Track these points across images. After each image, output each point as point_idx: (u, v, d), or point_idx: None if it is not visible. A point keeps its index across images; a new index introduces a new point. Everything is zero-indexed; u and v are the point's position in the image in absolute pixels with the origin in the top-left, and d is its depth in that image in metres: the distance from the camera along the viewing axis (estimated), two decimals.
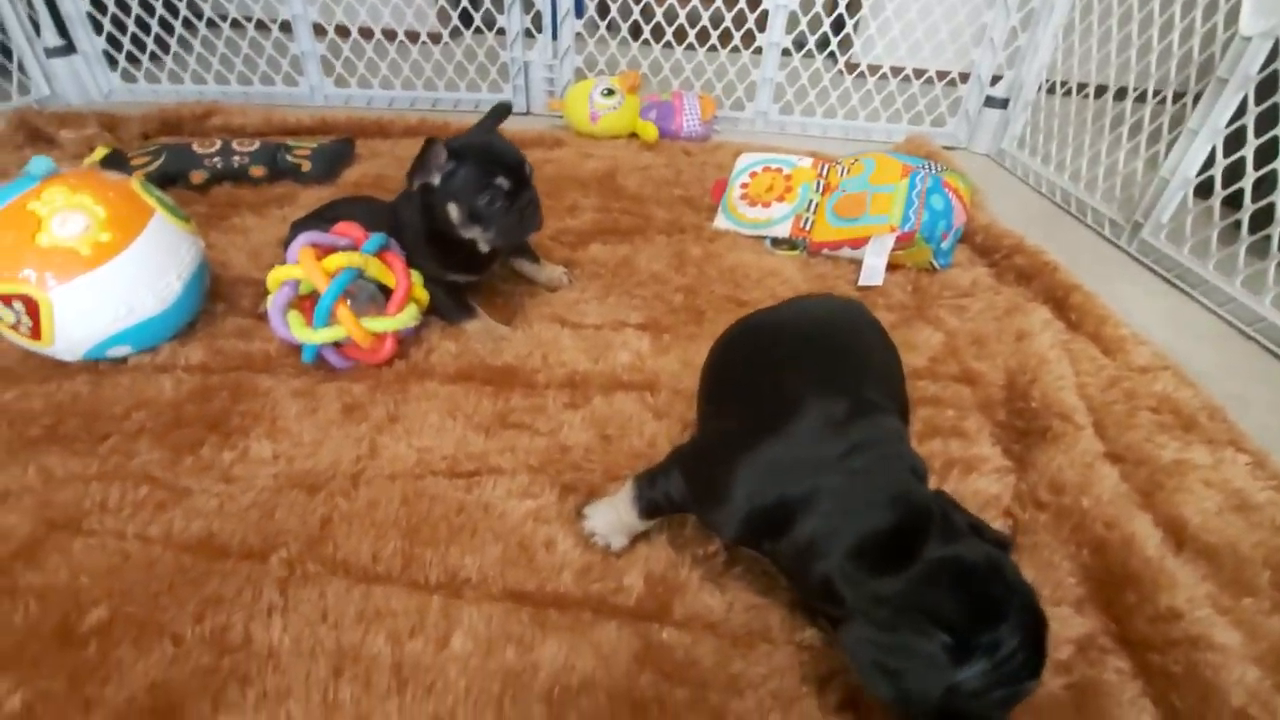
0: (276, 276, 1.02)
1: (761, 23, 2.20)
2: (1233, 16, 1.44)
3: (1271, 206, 1.35)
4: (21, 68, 2.15)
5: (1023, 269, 1.44)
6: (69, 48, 2.21)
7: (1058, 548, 0.82)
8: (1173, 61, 1.62)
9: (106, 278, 0.96)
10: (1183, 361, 1.19)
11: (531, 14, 2.25)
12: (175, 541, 0.78)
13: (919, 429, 1.01)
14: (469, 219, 1.09)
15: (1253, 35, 1.39)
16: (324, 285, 0.99)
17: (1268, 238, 1.35)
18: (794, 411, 0.68)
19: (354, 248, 1.06)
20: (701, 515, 0.75)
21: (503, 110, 1.20)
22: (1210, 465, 0.96)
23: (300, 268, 1.00)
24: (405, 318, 1.06)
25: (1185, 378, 1.15)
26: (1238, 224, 1.44)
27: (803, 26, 2.24)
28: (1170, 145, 1.59)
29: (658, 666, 0.68)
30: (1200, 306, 1.46)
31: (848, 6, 2.22)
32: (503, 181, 1.07)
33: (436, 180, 1.07)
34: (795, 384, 0.72)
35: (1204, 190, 1.54)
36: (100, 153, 1.09)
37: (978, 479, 0.92)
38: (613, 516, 0.81)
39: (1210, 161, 1.50)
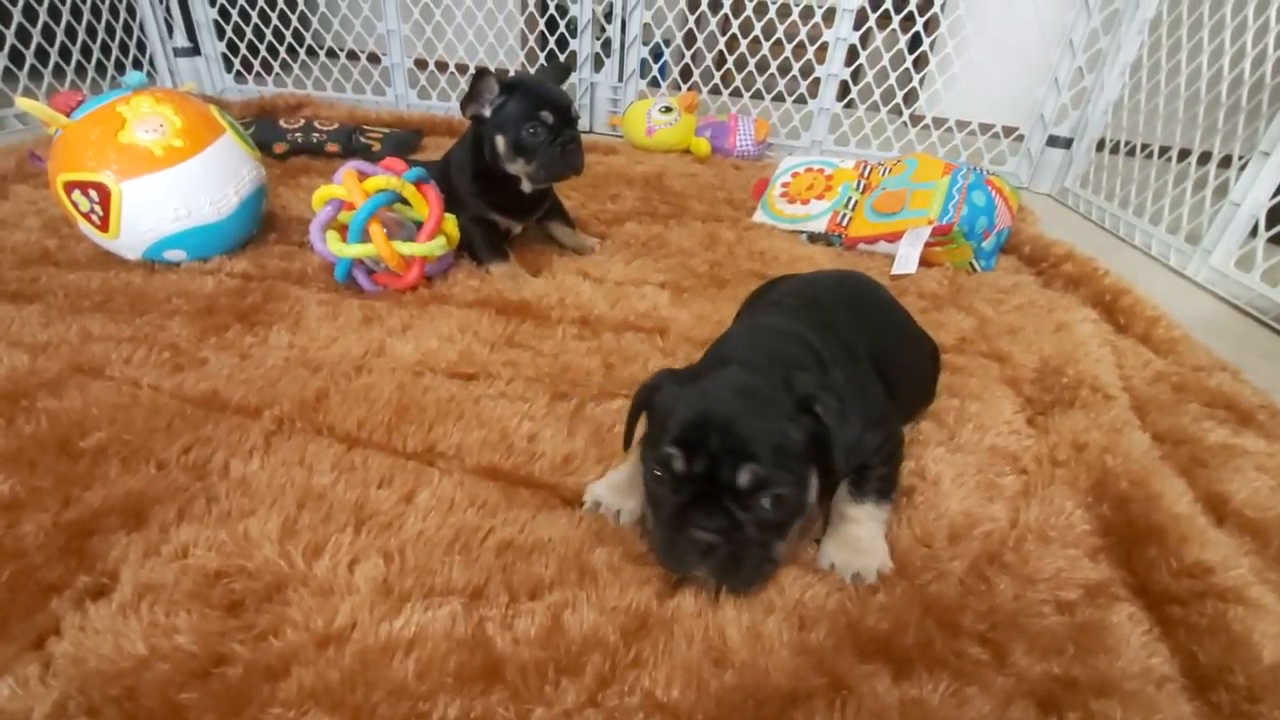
0: (321, 195, 1.09)
1: (821, 56, 2.27)
2: None
3: None
4: (152, 63, 2.45)
5: (1071, 275, 1.37)
6: (195, 50, 2.50)
7: (1073, 497, 0.75)
8: (1244, 89, 1.57)
9: (172, 178, 1.05)
10: (1246, 375, 1.08)
11: (602, 40, 2.40)
12: (182, 394, 0.82)
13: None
14: (514, 150, 1.15)
15: None
16: (361, 202, 1.05)
17: None
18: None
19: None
20: None
21: (562, 70, 1.29)
22: (1265, 453, 0.87)
23: (343, 188, 1.07)
24: (433, 246, 1.11)
25: (1244, 379, 1.05)
26: None
27: (869, 79, 2.29)
28: (1240, 171, 1.52)
29: (619, 543, 0.66)
30: (1272, 331, 1.35)
31: (914, 62, 2.26)
32: (547, 115, 1.13)
33: (487, 111, 1.14)
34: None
35: (1273, 218, 1.45)
36: (189, 86, 1.22)
37: (994, 436, 0.86)
38: (616, 477, 0.72)
39: None
